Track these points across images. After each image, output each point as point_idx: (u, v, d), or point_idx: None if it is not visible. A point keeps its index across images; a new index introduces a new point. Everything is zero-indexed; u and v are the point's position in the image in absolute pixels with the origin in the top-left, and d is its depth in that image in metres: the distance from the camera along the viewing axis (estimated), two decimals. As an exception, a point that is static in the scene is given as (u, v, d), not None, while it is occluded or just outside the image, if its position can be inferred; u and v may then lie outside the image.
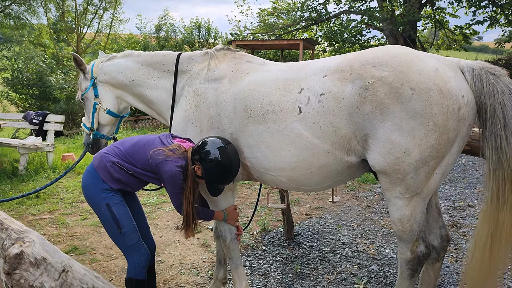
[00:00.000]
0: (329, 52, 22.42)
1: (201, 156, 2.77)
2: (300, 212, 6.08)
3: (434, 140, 2.36)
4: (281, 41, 17.69)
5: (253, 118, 2.80)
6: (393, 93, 2.37)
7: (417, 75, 2.36)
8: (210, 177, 2.80)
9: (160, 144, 2.89)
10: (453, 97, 2.34)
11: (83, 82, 3.62)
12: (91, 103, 3.57)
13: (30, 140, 8.94)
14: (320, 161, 2.66)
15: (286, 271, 4.21)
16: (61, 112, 18.15)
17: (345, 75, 2.54)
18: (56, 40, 23.75)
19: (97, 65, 3.55)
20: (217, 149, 2.74)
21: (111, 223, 2.88)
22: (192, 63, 3.25)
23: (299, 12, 20.34)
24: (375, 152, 2.48)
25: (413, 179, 2.46)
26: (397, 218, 2.61)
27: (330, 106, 2.55)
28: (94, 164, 2.96)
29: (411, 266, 2.70)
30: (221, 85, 2.98)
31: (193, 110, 3.03)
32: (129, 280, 2.94)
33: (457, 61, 2.53)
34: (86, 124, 3.65)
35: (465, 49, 19.74)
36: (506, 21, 16.46)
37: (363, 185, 7.62)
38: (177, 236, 5.16)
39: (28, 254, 1.60)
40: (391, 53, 2.51)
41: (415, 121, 2.35)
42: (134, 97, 3.51)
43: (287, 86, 2.74)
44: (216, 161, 2.73)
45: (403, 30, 16.86)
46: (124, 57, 3.51)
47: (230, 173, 2.81)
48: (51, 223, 5.70)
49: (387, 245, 4.77)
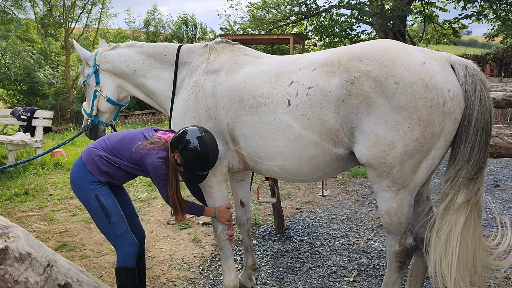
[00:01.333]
0: (319, 46, 22.43)
1: (180, 145, 2.89)
2: (290, 206, 6.09)
3: (419, 134, 2.38)
4: (271, 36, 17.68)
5: (247, 109, 2.86)
6: (378, 87, 2.39)
7: (402, 69, 2.37)
8: (189, 165, 2.90)
9: (143, 138, 3.02)
10: (438, 91, 2.35)
11: (86, 68, 3.68)
12: (92, 90, 3.63)
13: (18, 136, 8.85)
14: (309, 152, 2.71)
15: (276, 265, 4.22)
16: (50, 108, 18.00)
17: (333, 68, 2.57)
18: (44, 35, 23.47)
19: (100, 53, 3.60)
20: (195, 138, 2.85)
21: (100, 213, 2.98)
22: (192, 55, 3.31)
23: (289, 6, 20.31)
24: (361, 145, 2.51)
25: (399, 172, 2.48)
26: (385, 210, 2.63)
27: (317, 99, 2.58)
28: (82, 158, 3.06)
29: (399, 258, 2.72)
30: (219, 77, 3.05)
31: (192, 101, 3.10)
32: (119, 269, 3.01)
33: (448, 56, 2.53)
34: (86, 110, 3.71)
35: (454, 43, 19.88)
36: (494, 15, 16.57)
37: (353, 179, 7.66)
38: (168, 231, 5.15)
39: (12, 249, 1.58)
40: (379, 47, 2.52)
41: (399, 114, 2.37)
42: (135, 87, 3.59)
43: (278, 78, 2.79)
44: (194, 150, 2.84)
45: (393, 25, 16.91)
46: (127, 47, 3.57)
47: (208, 160, 2.91)
48: (40, 220, 5.64)
49: (377, 238, 4.80)
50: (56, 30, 22.78)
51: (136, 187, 7.23)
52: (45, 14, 23.38)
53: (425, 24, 19.35)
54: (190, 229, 5.22)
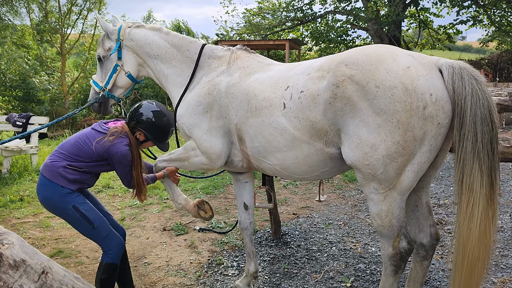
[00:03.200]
0: (315, 52, 22.51)
1: (137, 120, 3.23)
2: (287, 211, 6.08)
3: (399, 137, 2.41)
4: (267, 41, 17.73)
5: (252, 111, 3.03)
6: (360, 90, 2.47)
7: (384, 73, 2.43)
8: (154, 135, 3.29)
9: (97, 133, 3.19)
10: (418, 95, 2.37)
11: (106, 41, 3.69)
12: (112, 64, 3.65)
13: (14, 142, 8.80)
14: (303, 151, 2.85)
15: (273, 270, 4.20)
16: (45, 114, 17.93)
17: (323, 73, 2.69)
18: (40, 41, 23.38)
19: (124, 28, 3.63)
20: (150, 111, 3.26)
21: (83, 222, 3.09)
22: (213, 57, 3.47)
23: (285, 12, 20.38)
24: (346, 146, 2.60)
25: (384, 174, 2.53)
26: (375, 213, 2.67)
27: (307, 102, 2.72)
28: (45, 175, 3.12)
29: (393, 262, 2.73)
30: (233, 79, 3.22)
31: (207, 97, 3.27)
32: (109, 265, 3.15)
33: (436, 60, 2.55)
34: (98, 83, 3.70)
35: (449, 48, 20.00)
36: (488, 21, 16.69)
37: (349, 184, 7.66)
38: (164, 238, 5.12)
39: (7, 256, 1.56)
40: (365, 52, 2.59)
41: (380, 117, 2.43)
42: (152, 71, 3.68)
43: (278, 83, 2.97)
44: (151, 119, 3.25)
45: (388, 30, 17.01)
46: (153, 30, 3.64)
47: (169, 125, 3.35)
48: (35, 227, 5.60)
49: (374, 243, 4.80)
50: (51, 36, 22.70)
51: (132, 193, 7.19)
52: (41, 20, 23.30)
53: (420, 30, 19.48)
54: (186, 235, 5.20)
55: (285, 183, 7.63)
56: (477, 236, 2.42)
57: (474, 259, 2.45)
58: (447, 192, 6.73)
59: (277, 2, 21.66)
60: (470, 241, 2.44)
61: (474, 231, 2.42)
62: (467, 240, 2.44)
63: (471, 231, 2.43)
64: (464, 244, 2.46)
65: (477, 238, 2.42)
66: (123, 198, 6.99)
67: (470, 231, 2.43)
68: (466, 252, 2.46)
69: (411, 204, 2.97)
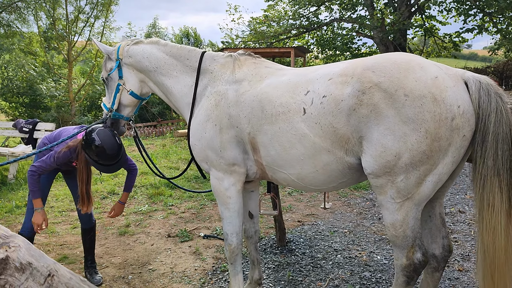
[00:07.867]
0: (321, 59, 22.53)
1: (84, 141, 3.59)
2: (292, 219, 6.06)
3: (426, 146, 2.39)
4: (272, 49, 17.77)
5: (267, 118, 2.93)
6: (388, 98, 2.42)
7: (413, 82, 2.40)
8: (90, 157, 3.60)
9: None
10: (447, 106, 2.36)
11: (108, 62, 3.71)
12: (114, 84, 3.66)
13: (20, 148, 8.86)
14: (323, 159, 2.76)
15: (278, 278, 4.18)
16: (52, 120, 18.05)
17: (347, 79, 2.62)
18: (47, 48, 23.63)
19: (123, 47, 3.63)
20: (95, 136, 3.53)
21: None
22: (214, 63, 3.38)
23: (291, 20, 20.46)
24: (368, 155, 2.53)
25: (404, 183, 2.48)
26: (390, 223, 2.62)
27: (330, 107, 2.64)
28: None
29: (406, 273, 2.67)
30: (241, 87, 3.13)
31: (214, 109, 3.17)
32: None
33: (462, 72, 2.54)
34: (106, 105, 3.74)
35: (454, 56, 19.97)
36: (495, 29, 16.65)
37: (355, 192, 7.63)
38: (169, 244, 5.11)
39: (13, 259, 1.56)
40: (392, 60, 2.56)
41: (407, 126, 2.39)
42: (155, 84, 3.64)
43: (296, 88, 2.87)
44: (95, 147, 3.53)
45: (394, 38, 17.01)
46: (150, 43, 3.62)
47: (104, 152, 3.59)
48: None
49: (379, 252, 4.76)
50: (59, 43, 22.92)
51: (137, 200, 7.20)
52: (48, 28, 23.57)
53: (426, 38, 19.46)
54: (191, 241, 5.19)
55: (290, 190, 7.61)
56: (504, 251, 2.43)
57: (504, 274, 2.45)
58: (453, 200, 6.69)
59: (283, 10, 21.78)
60: (497, 256, 2.44)
61: (499, 246, 2.43)
62: (493, 255, 2.45)
63: (496, 247, 2.44)
64: (491, 260, 2.46)
65: (504, 253, 2.43)
66: (128, 204, 6.99)
67: (495, 247, 2.44)
68: (494, 267, 2.45)
69: (425, 214, 2.92)
